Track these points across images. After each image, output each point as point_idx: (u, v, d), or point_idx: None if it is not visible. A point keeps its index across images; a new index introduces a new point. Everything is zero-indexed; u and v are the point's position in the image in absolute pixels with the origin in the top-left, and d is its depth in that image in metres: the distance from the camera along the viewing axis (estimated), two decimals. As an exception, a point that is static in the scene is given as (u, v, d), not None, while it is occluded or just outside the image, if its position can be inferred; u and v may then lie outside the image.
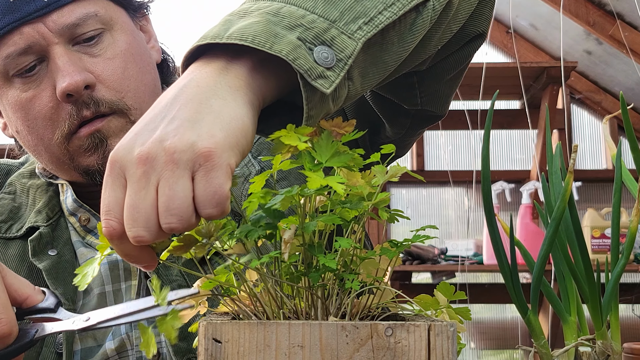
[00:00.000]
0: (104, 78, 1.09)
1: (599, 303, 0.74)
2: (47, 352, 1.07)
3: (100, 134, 1.08)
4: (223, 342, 0.62)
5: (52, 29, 1.06)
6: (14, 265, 1.11)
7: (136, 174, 0.65)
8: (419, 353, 0.62)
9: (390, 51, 0.80)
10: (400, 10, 0.76)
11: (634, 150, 0.82)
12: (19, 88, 1.10)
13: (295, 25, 0.71)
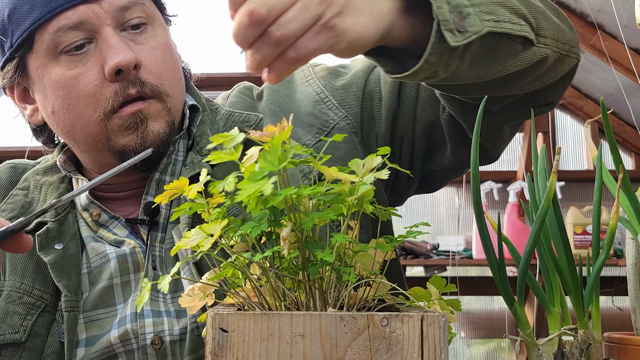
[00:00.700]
0: (147, 64, 1.09)
1: (581, 295, 0.74)
2: (52, 341, 1.07)
3: (141, 114, 1.08)
4: (229, 331, 0.62)
5: (106, 9, 1.07)
6: (23, 258, 1.10)
7: None
8: (413, 342, 0.62)
9: (495, 62, 0.90)
10: (517, 31, 0.88)
11: (613, 152, 0.82)
12: (64, 66, 1.08)
13: None
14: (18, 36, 1.09)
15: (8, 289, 1.09)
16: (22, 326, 1.06)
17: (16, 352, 1.05)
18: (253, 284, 0.72)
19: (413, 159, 1.18)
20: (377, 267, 0.75)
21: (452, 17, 0.82)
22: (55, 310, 1.08)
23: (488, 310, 4.75)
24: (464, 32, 0.82)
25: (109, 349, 1.07)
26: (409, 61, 0.88)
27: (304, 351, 0.62)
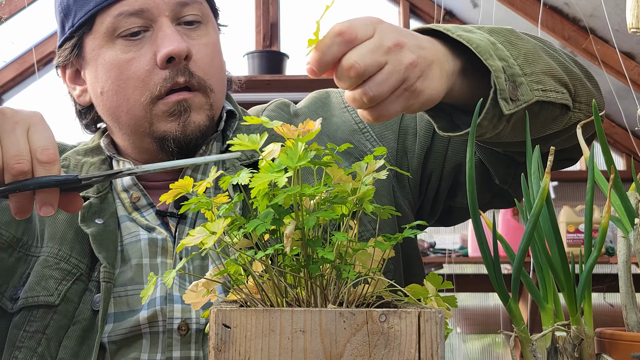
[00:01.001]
0: (197, 58, 1.12)
1: (573, 292, 0.74)
2: (83, 309, 1.07)
3: (186, 103, 1.10)
4: (232, 327, 0.62)
5: (166, 2, 1.11)
6: (63, 227, 1.12)
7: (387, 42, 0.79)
8: (410, 337, 0.62)
9: (536, 124, 0.93)
10: (559, 99, 0.92)
11: (605, 153, 0.82)
12: (119, 49, 1.11)
13: (502, 59, 0.87)
14: (81, 16, 1.12)
15: (45, 254, 1.10)
16: (56, 290, 1.07)
17: (47, 314, 1.06)
18: (255, 280, 0.72)
19: (438, 194, 1.21)
20: (376, 265, 0.75)
21: (508, 86, 0.86)
22: (88, 280, 1.09)
23: (483, 307, 4.75)
24: (516, 100, 0.87)
25: (135, 329, 1.07)
26: (457, 116, 0.94)
27: (305, 346, 0.62)
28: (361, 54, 0.77)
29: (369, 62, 0.78)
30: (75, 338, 1.06)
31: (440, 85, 0.85)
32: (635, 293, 0.80)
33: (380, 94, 0.79)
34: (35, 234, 1.13)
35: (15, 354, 1.05)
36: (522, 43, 0.94)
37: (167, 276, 0.73)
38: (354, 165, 0.75)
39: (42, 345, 1.05)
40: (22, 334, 1.06)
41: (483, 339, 4.81)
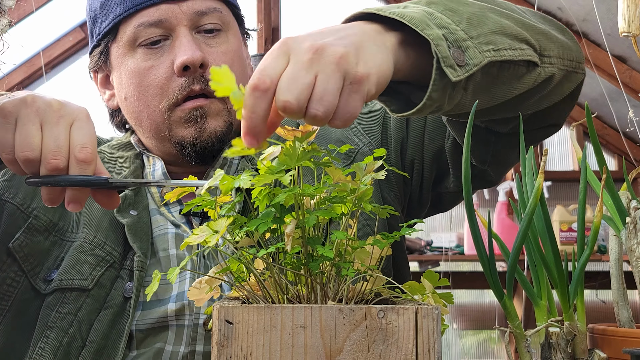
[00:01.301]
0: (215, 65, 1.10)
1: (566, 289, 0.74)
2: (114, 294, 1.08)
3: (202, 110, 1.11)
4: (234, 323, 0.62)
5: (185, 12, 1.11)
6: (98, 215, 1.13)
7: (304, 57, 0.70)
8: (408, 333, 0.62)
9: (499, 88, 0.87)
10: (519, 56, 0.85)
11: (597, 154, 0.82)
12: (140, 57, 1.12)
13: (442, 27, 0.80)
14: (106, 25, 1.14)
15: (80, 240, 1.11)
16: (90, 275, 1.08)
17: (80, 297, 1.07)
18: (257, 278, 0.72)
19: (423, 183, 1.20)
20: (374, 262, 0.75)
21: (452, 52, 0.79)
22: (120, 268, 1.10)
23: (479, 303, 4.75)
24: (464, 65, 0.80)
25: (163, 320, 1.07)
26: (415, 95, 0.86)
27: (305, 342, 0.62)
28: (285, 90, 0.68)
29: (298, 91, 0.68)
30: (106, 322, 1.06)
31: (384, 59, 0.76)
32: (626, 290, 0.80)
33: (329, 106, 0.70)
34: (71, 220, 1.14)
35: (47, 334, 1.05)
36: (464, 8, 0.86)
37: (171, 273, 0.73)
38: (354, 166, 0.75)
39: (73, 326, 1.05)
40: (54, 314, 1.06)
41: (478, 335, 4.81)
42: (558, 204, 4.07)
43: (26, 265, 1.10)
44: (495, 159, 1.10)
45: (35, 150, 0.83)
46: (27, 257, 1.10)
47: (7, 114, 0.85)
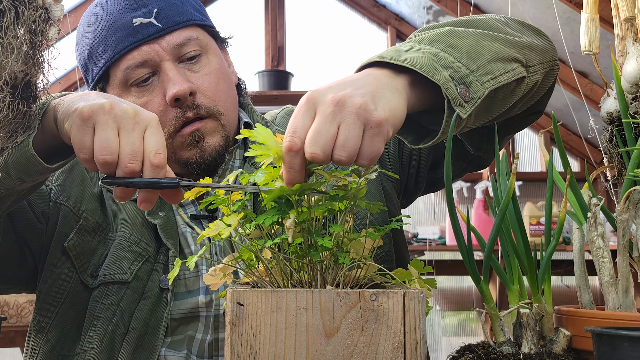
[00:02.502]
0: (202, 89, 1.09)
1: (535, 275, 0.74)
2: (151, 286, 1.07)
3: (199, 132, 1.09)
4: (245, 305, 0.62)
5: (164, 48, 1.08)
6: (132, 215, 1.12)
7: (327, 110, 0.71)
8: (397, 314, 0.62)
9: (496, 105, 0.87)
10: (512, 77, 0.85)
11: (562, 157, 0.82)
12: (135, 95, 1.09)
13: (447, 67, 0.80)
14: (97, 72, 1.11)
15: (119, 238, 1.10)
16: (129, 269, 1.07)
17: (121, 289, 1.06)
18: (265, 265, 0.72)
19: (419, 169, 1.19)
20: (367, 252, 0.75)
21: (459, 90, 0.79)
22: (155, 262, 1.09)
23: (459, 288, 4.75)
24: (469, 100, 0.79)
25: (194, 310, 1.06)
26: (424, 119, 0.88)
27: (307, 321, 0.62)
28: (313, 144, 0.69)
29: (322, 143, 0.69)
30: (145, 311, 1.06)
31: (398, 102, 0.76)
32: (587, 276, 0.80)
33: (351, 151, 0.70)
34: (110, 221, 1.13)
35: (94, 323, 1.05)
36: (462, 42, 0.85)
37: (190, 260, 0.73)
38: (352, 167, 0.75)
39: (116, 315, 1.05)
40: (99, 306, 1.06)
41: (458, 315, 4.80)
42: (528, 201, 4.07)
43: (77, 262, 1.10)
44: (488, 147, 1.08)
45: (114, 154, 0.81)
46: (78, 256, 1.10)
47: (86, 118, 0.82)
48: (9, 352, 2.54)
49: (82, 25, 1.14)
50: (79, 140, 0.82)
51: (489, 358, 0.70)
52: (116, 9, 1.09)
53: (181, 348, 1.06)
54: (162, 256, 1.09)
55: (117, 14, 1.08)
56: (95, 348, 1.04)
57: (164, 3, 1.10)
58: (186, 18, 1.11)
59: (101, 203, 1.14)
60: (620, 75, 0.85)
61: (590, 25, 0.93)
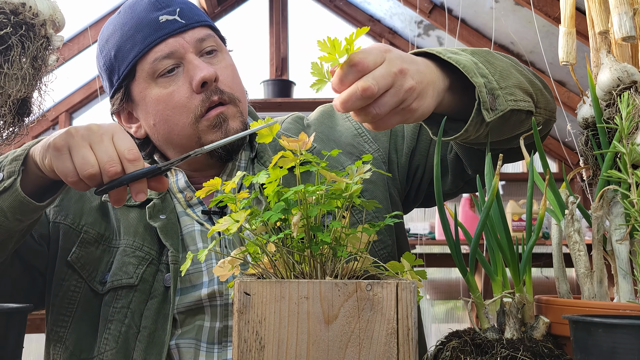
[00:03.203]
0: (222, 78, 1.10)
1: (517, 267, 0.74)
2: (157, 286, 1.06)
3: (223, 115, 1.09)
4: (251, 294, 0.62)
5: (188, 41, 1.09)
6: (135, 223, 1.11)
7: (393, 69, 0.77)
8: (390, 302, 0.62)
9: (507, 127, 0.92)
10: (527, 107, 0.91)
11: (542, 159, 0.82)
12: (161, 86, 1.09)
13: (483, 76, 0.87)
14: (123, 69, 1.11)
15: (123, 245, 1.09)
16: (135, 273, 1.07)
17: (129, 292, 1.06)
18: (269, 258, 0.72)
19: (421, 184, 1.19)
20: (363, 246, 0.75)
21: (488, 98, 0.85)
22: (159, 263, 1.08)
23: (447, 279, 4.75)
24: (495, 110, 0.85)
25: (198, 302, 1.06)
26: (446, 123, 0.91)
27: (308, 309, 0.62)
28: (375, 78, 0.75)
29: (382, 85, 0.75)
30: (153, 310, 1.05)
31: (432, 103, 0.83)
32: (565, 268, 0.80)
33: (381, 112, 0.77)
34: (114, 230, 1.13)
35: (108, 326, 1.05)
36: (497, 62, 0.92)
37: (201, 254, 0.73)
38: (347, 168, 0.75)
39: (128, 317, 1.05)
40: (111, 310, 1.06)
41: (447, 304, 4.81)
42: (510, 199, 4.07)
43: (84, 273, 1.09)
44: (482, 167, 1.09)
45: (95, 166, 0.84)
46: (84, 267, 1.10)
47: (60, 147, 0.86)
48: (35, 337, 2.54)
49: (107, 31, 1.14)
50: (62, 167, 0.86)
51: (474, 343, 0.70)
52: (142, 10, 1.10)
53: (190, 337, 1.06)
54: (164, 257, 1.09)
55: (144, 13, 1.10)
56: (111, 349, 1.04)
57: (184, 5, 1.12)
58: (203, 19, 1.13)
59: (103, 214, 1.14)
60: (595, 84, 0.85)
61: (567, 39, 0.93)
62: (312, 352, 0.61)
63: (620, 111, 0.77)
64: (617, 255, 0.74)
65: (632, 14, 0.84)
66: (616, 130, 0.77)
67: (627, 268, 0.73)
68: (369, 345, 0.61)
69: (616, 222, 0.75)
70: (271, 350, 0.62)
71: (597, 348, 0.54)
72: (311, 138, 0.73)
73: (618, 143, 0.72)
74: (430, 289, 4.74)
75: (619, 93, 0.82)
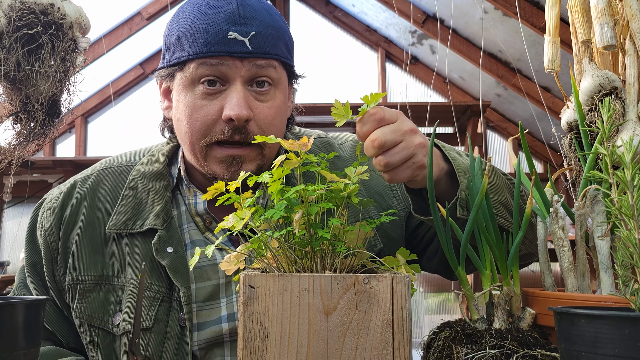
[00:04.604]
0: (259, 119, 1.00)
1: (505, 262, 0.74)
2: (172, 325, 0.99)
3: (239, 158, 1.00)
4: (255, 287, 0.62)
5: (243, 69, 0.99)
6: (140, 259, 1.01)
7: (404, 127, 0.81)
8: (386, 295, 0.62)
9: None
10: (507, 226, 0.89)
11: (528, 160, 0.82)
12: (198, 95, 1.00)
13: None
14: (176, 58, 1.02)
15: (131, 286, 1.01)
16: (148, 315, 0.99)
17: (145, 335, 0.98)
18: (273, 253, 0.72)
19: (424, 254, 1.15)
20: (360, 242, 0.75)
21: (467, 200, 0.86)
22: (170, 299, 1.00)
23: (439, 273, 4.74)
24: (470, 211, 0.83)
25: (219, 337, 0.99)
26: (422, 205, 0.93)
27: (309, 301, 0.62)
28: (383, 132, 0.79)
29: (388, 138, 0.78)
30: (171, 351, 0.98)
31: (438, 167, 0.86)
32: (550, 263, 0.80)
33: (392, 162, 0.79)
34: (115, 265, 1.04)
35: None
36: (493, 177, 0.93)
37: (208, 249, 0.73)
38: (346, 169, 0.75)
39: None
40: (128, 355, 0.94)
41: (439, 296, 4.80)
42: (499, 198, 4.06)
43: (94, 321, 1.02)
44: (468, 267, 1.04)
45: None
46: (91, 317, 1.02)
47: None
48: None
49: (184, 10, 1.04)
50: None
51: (465, 333, 0.70)
52: (219, 16, 0.99)
53: None
54: (176, 293, 1.00)
55: (219, 20, 0.99)
56: None
57: (263, 30, 1.00)
58: (274, 52, 1.01)
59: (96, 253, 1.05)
60: (578, 90, 0.85)
61: (552, 47, 0.93)
62: (313, 342, 0.61)
63: (601, 115, 0.77)
64: (598, 250, 0.74)
65: (613, 24, 0.84)
66: (598, 133, 0.77)
67: (608, 263, 0.73)
68: (366, 335, 0.61)
69: (598, 220, 0.75)
70: (274, 340, 0.61)
71: (580, 337, 0.54)
72: (311, 140, 0.72)
73: (600, 145, 0.72)
74: (423, 282, 4.73)
75: (601, 98, 0.82)
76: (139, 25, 4.55)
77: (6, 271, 4.44)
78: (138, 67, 4.95)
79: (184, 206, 1.08)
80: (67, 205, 1.10)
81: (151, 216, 1.04)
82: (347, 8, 4.98)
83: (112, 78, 4.82)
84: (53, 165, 4.18)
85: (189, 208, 1.08)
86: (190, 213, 1.08)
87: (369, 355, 0.61)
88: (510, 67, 4.28)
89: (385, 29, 4.93)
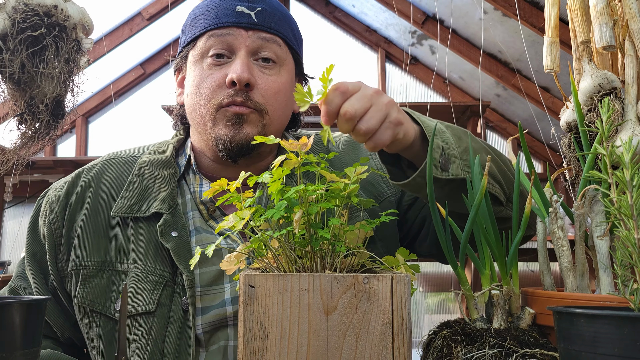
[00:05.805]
0: (261, 88, 1.04)
1: (504, 261, 0.74)
2: (175, 309, 0.99)
3: (241, 117, 1.03)
4: (256, 287, 0.62)
5: (247, 38, 1.05)
6: (144, 245, 1.02)
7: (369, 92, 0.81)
8: (385, 294, 0.62)
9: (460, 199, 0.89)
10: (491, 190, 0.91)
11: (527, 160, 0.82)
12: (206, 67, 1.05)
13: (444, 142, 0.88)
14: (190, 36, 1.09)
15: (134, 270, 1.02)
16: (151, 299, 0.99)
17: (148, 319, 0.99)
18: (273, 253, 0.72)
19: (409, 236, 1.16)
20: (360, 241, 0.75)
21: (441, 160, 0.86)
22: (174, 284, 1.00)
23: (439, 272, 4.75)
24: (446, 171, 0.86)
25: (222, 320, 1.00)
26: (409, 172, 0.92)
27: (309, 301, 0.62)
28: (351, 103, 0.78)
29: (358, 107, 0.78)
30: (175, 335, 0.98)
31: (411, 125, 0.84)
32: (549, 262, 0.80)
33: (370, 127, 0.79)
34: (118, 251, 1.04)
35: (132, 353, 0.99)
36: (467, 140, 0.91)
37: (208, 249, 0.73)
38: (346, 170, 0.75)
39: (150, 344, 0.98)
40: (132, 337, 0.99)
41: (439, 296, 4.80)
42: (498, 198, 4.06)
43: (96, 307, 1.02)
44: None
45: None
46: (93, 303, 1.03)
47: None
48: None
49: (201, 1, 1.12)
50: None
51: (464, 332, 0.70)
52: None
53: (217, 358, 0.99)
54: (179, 277, 1.00)
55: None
56: None
57: (269, 8, 1.07)
58: (278, 29, 1.07)
59: (99, 238, 1.05)
60: (578, 90, 0.85)
61: (551, 47, 0.93)
62: (313, 341, 0.61)
63: (600, 115, 0.77)
64: (597, 250, 0.74)
65: (612, 24, 0.84)
66: (597, 133, 0.77)
67: (607, 262, 0.73)
68: (366, 334, 0.61)
69: (597, 220, 0.75)
70: (274, 339, 0.61)
71: (579, 337, 0.54)
72: (311, 140, 0.72)
73: (599, 145, 0.72)
74: (423, 282, 4.73)
75: (600, 99, 0.82)
76: (140, 25, 4.55)
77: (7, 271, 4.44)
78: (139, 68, 4.95)
79: (189, 194, 1.10)
80: (72, 192, 1.11)
81: (157, 201, 1.05)
82: (347, 8, 4.98)
83: (112, 78, 4.82)
84: (54, 165, 4.18)
85: (194, 196, 1.09)
86: (195, 201, 1.09)
87: (369, 354, 0.61)
88: (510, 67, 4.28)
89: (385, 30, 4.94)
